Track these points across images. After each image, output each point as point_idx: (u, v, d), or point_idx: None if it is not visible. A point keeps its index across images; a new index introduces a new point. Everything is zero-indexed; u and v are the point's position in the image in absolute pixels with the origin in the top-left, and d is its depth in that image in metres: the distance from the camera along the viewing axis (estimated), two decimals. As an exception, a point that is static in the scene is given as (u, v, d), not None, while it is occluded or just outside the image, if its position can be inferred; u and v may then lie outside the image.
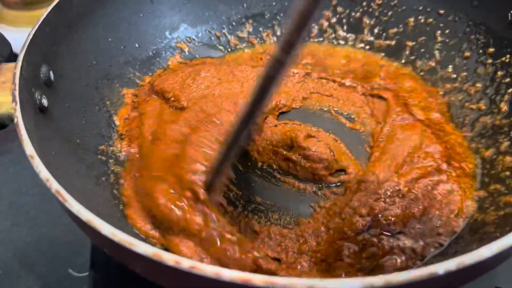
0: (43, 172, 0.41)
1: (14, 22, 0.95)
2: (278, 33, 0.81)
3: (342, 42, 0.80)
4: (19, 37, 0.89)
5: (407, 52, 0.75)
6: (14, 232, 0.65)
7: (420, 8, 0.75)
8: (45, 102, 0.54)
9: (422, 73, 0.73)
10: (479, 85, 0.67)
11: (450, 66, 0.71)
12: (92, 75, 0.66)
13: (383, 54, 0.77)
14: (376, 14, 0.78)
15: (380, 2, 0.78)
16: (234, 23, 0.81)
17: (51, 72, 0.57)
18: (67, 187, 0.42)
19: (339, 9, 0.80)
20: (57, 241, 0.63)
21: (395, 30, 0.77)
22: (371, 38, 0.79)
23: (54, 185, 0.40)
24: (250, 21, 0.82)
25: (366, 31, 0.79)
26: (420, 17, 0.75)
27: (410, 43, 0.75)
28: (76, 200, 0.41)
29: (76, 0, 0.63)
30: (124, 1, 0.71)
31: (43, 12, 0.91)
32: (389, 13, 0.78)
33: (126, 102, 0.69)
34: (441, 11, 0.73)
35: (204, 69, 0.71)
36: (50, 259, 0.62)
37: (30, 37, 0.54)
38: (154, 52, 0.76)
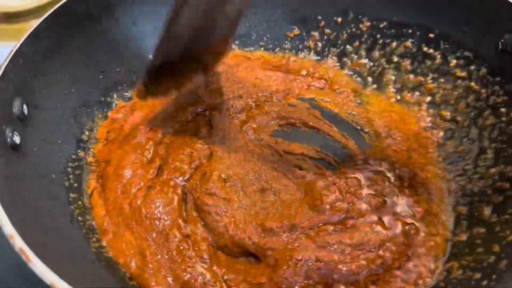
0: (7, 227, 0.39)
1: (-2, 35, 0.93)
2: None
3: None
4: (3, 50, 0.88)
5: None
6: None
7: (410, 31, 0.73)
8: (17, 139, 0.52)
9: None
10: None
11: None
12: (70, 103, 0.64)
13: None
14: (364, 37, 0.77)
15: (368, 24, 0.76)
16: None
17: (24, 105, 0.55)
18: (36, 240, 0.40)
19: (327, 30, 0.78)
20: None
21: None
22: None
23: (18, 243, 0.38)
24: (237, 42, 0.80)
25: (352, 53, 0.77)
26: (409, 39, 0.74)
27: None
28: (45, 254, 0.39)
29: (52, 27, 0.60)
30: (105, 25, 0.68)
31: (27, 26, 0.90)
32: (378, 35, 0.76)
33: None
34: (431, 35, 0.72)
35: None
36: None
37: (1, 71, 0.52)
38: (137, 76, 0.73)
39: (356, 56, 0.77)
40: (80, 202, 0.57)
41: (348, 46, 0.77)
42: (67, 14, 0.62)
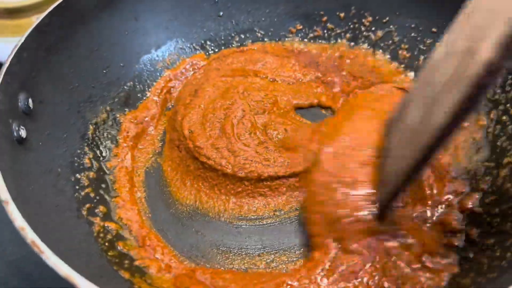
0: (18, 220, 0.39)
1: (-1, 31, 0.92)
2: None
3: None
4: (3, 47, 0.88)
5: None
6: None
7: (413, 25, 0.74)
8: (23, 133, 0.52)
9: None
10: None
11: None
12: (74, 98, 0.63)
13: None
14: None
15: (370, 19, 0.76)
16: (223, 40, 0.79)
17: (29, 100, 0.54)
18: (45, 233, 0.40)
19: (329, 25, 0.79)
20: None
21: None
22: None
23: (30, 235, 0.38)
24: (242, 36, 0.80)
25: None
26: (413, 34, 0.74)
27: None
28: (54, 247, 0.39)
29: (56, 21, 0.60)
30: (107, 20, 0.68)
31: (28, 22, 0.89)
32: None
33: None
34: (434, 29, 0.72)
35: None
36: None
37: (6, 65, 0.52)
38: (139, 71, 0.73)
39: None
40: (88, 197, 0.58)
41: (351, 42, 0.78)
42: (71, 8, 0.62)
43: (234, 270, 0.56)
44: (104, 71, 0.69)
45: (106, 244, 0.53)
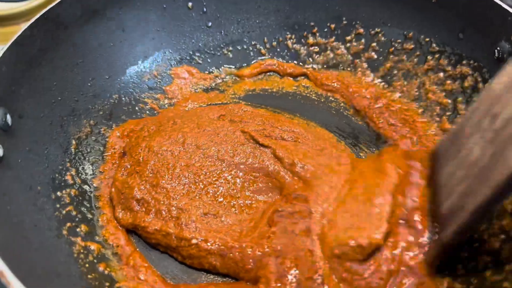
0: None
1: (-13, 39, 0.90)
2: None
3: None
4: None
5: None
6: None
7: (404, 37, 0.73)
8: (0, 151, 0.50)
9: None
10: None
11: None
12: (57, 112, 0.61)
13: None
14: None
15: (361, 31, 0.75)
16: (212, 50, 0.78)
17: (7, 116, 0.53)
18: (20, 258, 0.39)
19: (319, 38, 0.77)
20: None
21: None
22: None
23: (-1, 265, 0.36)
24: (230, 48, 0.78)
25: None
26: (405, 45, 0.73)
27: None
28: (29, 272, 0.38)
29: (38, 33, 0.59)
30: (92, 31, 0.66)
31: (17, 29, 0.88)
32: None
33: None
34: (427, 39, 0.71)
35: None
36: None
37: (-17, 81, 0.50)
38: (125, 83, 0.71)
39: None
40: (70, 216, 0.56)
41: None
42: (54, 20, 0.60)
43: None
44: (89, 84, 0.67)
45: (87, 265, 0.51)
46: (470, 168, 0.45)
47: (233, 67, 0.78)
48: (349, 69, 0.77)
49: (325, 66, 0.77)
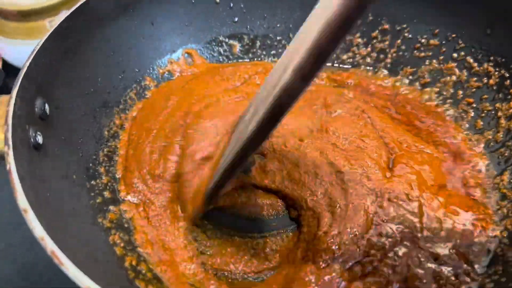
0: (38, 229, 0.38)
1: (12, 34, 0.91)
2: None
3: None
4: (16, 49, 0.88)
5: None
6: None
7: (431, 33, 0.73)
8: (39, 139, 0.51)
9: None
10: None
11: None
12: (90, 103, 0.63)
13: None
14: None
15: (387, 27, 0.75)
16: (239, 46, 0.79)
17: (46, 105, 0.54)
18: (63, 242, 0.40)
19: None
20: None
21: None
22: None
23: (50, 246, 0.37)
24: (258, 42, 0.79)
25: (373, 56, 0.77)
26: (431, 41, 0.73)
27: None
28: (73, 257, 0.39)
29: (75, 25, 0.60)
30: (124, 25, 0.68)
31: (41, 24, 0.89)
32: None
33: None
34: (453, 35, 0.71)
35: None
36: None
37: (24, 70, 0.51)
38: (154, 76, 0.73)
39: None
40: (103, 204, 0.57)
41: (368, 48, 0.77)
42: (90, 12, 0.61)
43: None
44: (120, 76, 0.68)
45: (123, 252, 0.52)
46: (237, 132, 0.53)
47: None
48: (370, 67, 0.77)
49: (347, 63, 0.78)
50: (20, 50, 0.87)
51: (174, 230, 0.57)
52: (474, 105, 0.68)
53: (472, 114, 0.68)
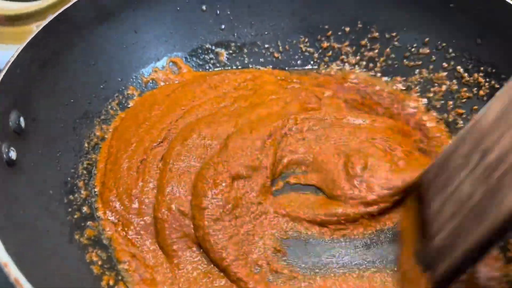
0: (1, 254, 0.37)
1: (-1, 38, 0.90)
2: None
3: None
4: (2, 54, 0.86)
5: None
6: None
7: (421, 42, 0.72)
8: (13, 154, 0.49)
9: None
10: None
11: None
12: (69, 114, 0.61)
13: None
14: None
15: (376, 35, 0.74)
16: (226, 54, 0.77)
17: (21, 118, 0.52)
18: (32, 266, 0.38)
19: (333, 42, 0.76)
20: None
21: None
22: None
23: (13, 272, 0.36)
24: (245, 50, 0.77)
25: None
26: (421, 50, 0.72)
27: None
28: (44, 280, 0.37)
29: (52, 35, 0.58)
30: (106, 33, 0.66)
31: (29, 29, 0.87)
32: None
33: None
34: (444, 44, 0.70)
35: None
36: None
37: (-2, 82, 0.49)
38: (138, 85, 0.71)
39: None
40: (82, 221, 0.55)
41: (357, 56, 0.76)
42: (68, 21, 0.60)
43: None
44: (102, 86, 0.66)
45: (100, 271, 0.51)
46: (461, 205, 0.41)
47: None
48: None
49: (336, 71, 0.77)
50: (8, 55, 0.86)
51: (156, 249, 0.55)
52: (464, 116, 0.68)
53: (462, 125, 0.67)
